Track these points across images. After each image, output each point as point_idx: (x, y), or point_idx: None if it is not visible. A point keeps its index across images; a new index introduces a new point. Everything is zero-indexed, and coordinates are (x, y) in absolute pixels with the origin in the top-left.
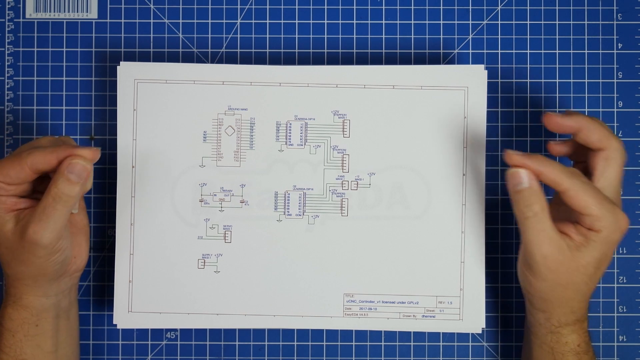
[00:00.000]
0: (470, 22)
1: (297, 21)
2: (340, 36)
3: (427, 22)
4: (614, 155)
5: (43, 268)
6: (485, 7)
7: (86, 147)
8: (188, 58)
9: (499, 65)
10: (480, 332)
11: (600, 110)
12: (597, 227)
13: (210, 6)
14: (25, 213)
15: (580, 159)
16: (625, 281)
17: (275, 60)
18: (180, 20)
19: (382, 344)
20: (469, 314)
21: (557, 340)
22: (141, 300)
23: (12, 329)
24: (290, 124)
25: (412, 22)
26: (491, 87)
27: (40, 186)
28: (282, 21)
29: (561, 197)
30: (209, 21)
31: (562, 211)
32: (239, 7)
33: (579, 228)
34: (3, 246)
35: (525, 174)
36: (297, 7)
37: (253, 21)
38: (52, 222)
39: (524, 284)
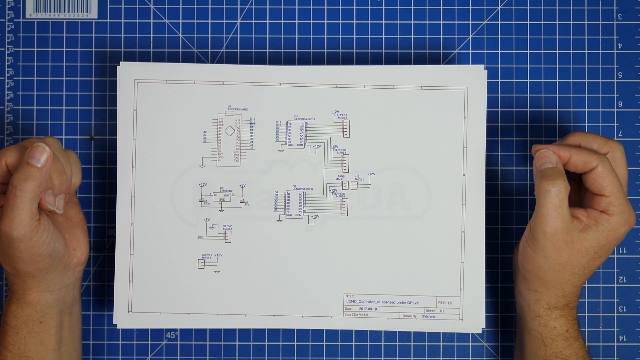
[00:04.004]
0: (470, 22)
1: (297, 21)
2: (340, 36)
3: (427, 22)
4: (618, 155)
5: (33, 263)
6: (485, 7)
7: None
8: (188, 58)
9: (499, 65)
10: (480, 332)
11: (600, 110)
12: (610, 210)
13: (210, 6)
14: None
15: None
16: (625, 281)
17: (275, 60)
18: (180, 20)
19: (382, 344)
20: (469, 314)
21: (545, 324)
22: (141, 300)
23: (16, 327)
24: (290, 124)
25: (412, 22)
26: (491, 87)
27: None
28: (282, 21)
29: (585, 177)
30: (209, 21)
31: (572, 199)
32: (239, 7)
33: (591, 212)
34: None
35: (554, 155)
36: (297, 7)
37: (253, 21)
38: (18, 212)
39: (523, 261)
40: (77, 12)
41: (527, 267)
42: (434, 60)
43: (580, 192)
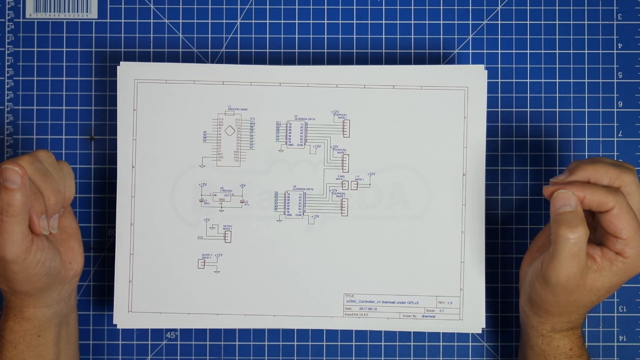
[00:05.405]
0: (470, 22)
1: (297, 21)
2: (340, 36)
3: (427, 22)
4: (632, 188)
5: (29, 283)
6: (485, 7)
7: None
8: (188, 58)
9: (499, 65)
10: (480, 332)
11: (601, 110)
12: (626, 253)
13: (210, 6)
14: None
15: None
16: None
17: (275, 60)
18: (180, 20)
19: (382, 344)
20: (469, 314)
21: (548, 343)
22: (141, 300)
23: (14, 341)
24: (290, 124)
25: (412, 22)
26: (491, 87)
27: None
28: (282, 21)
29: (601, 217)
30: (209, 21)
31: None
32: (239, 7)
33: (606, 252)
34: None
35: (573, 196)
36: (297, 7)
37: (253, 21)
38: (8, 236)
39: (529, 290)
40: (77, 12)
41: (533, 296)
42: (434, 60)
43: (595, 224)
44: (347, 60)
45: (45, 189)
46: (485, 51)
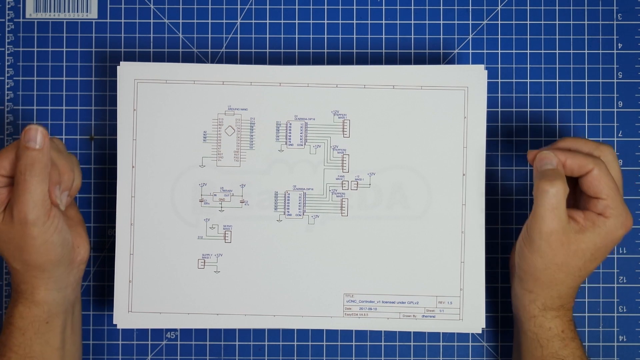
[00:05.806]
0: (470, 22)
1: (297, 21)
2: (340, 36)
3: (427, 22)
4: (609, 158)
5: (46, 252)
6: (485, 7)
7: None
8: (188, 58)
9: (499, 65)
10: (480, 332)
11: (601, 110)
12: (607, 213)
13: (210, 6)
14: (9, 201)
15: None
16: (625, 281)
17: (275, 60)
18: (180, 20)
19: (382, 344)
20: (469, 314)
21: (540, 325)
22: (141, 300)
23: (23, 328)
24: (290, 124)
25: (412, 22)
26: (491, 87)
27: None
28: (282, 21)
29: (582, 181)
30: (209, 21)
31: (568, 201)
32: (239, 7)
33: (588, 214)
34: (2, 241)
35: (555, 157)
36: (297, 7)
37: (253, 21)
38: (30, 195)
39: (519, 261)
40: (77, 12)
41: (523, 266)
42: (434, 60)
43: (576, 195)
44: (347, 60)
45: (60, 164)
46: (485, 51)
